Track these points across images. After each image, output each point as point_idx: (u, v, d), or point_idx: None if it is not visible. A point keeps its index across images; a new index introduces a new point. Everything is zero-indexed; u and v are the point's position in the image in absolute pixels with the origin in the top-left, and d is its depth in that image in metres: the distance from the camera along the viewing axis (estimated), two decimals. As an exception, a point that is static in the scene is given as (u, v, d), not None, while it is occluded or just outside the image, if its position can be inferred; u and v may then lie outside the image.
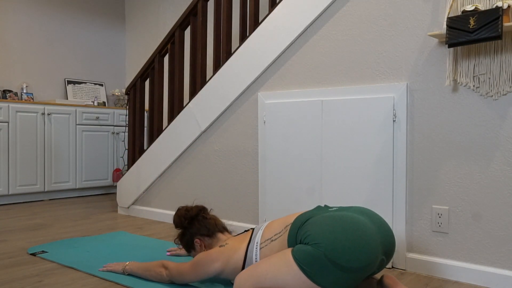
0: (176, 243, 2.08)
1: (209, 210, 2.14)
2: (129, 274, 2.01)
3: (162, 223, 3.26)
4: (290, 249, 1.57)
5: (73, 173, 4.48)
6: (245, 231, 1.93)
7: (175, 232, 2.96)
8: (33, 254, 2.36)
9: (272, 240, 1.71)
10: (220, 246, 1.82)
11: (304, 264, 1.48)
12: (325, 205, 1.78)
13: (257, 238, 1.77)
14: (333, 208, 1.72)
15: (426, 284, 1.94)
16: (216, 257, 1.77)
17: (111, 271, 2.05)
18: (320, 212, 1.68)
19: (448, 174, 2.04)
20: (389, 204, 2.18)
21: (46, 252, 2.38)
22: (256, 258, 1.73)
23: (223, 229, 2.03)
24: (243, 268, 1.76)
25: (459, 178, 2.01)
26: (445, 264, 2.03)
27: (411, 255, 2.14)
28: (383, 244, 1.58)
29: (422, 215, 2.11)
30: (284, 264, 1.52)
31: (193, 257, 2.08)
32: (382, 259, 1.60)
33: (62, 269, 2.12)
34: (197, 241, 1.98)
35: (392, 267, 2.18)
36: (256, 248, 1.74)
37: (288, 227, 1.69)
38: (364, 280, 1.75)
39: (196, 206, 2.06)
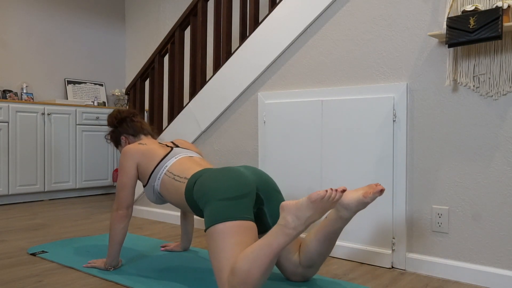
0: (106, 138, 2.39)
1: (141, 116, 2.43)
2: (114, 267, 2.08)
3: (162, 223, 3.26)
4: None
5: (73, 173, 4.48)
6: (166, 145, 2.15)
7: (175, 232, 2.97)
8: (33, 254, 2.36)
9: (174, 179, 1.95)
10: (139, 144, 2.13)
11: (214, 221, 1.64)
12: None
13: (169, 162, 2.03)
14: None
15: (426, 284, 1.94)
16: (134, 150, 2.08)
17: (94, 268, 2.10)
18: (205, 171, 1.87)
19: (448, 174, 2.04)
20: (389, 204, 2.18)
21: (46, 252, 2.39)
22: (159, 177, 2.01)
23: (147, 133, 2.34)
24: (148, 180, 2.04)
25: (459, 178, 2.01)
26: (445, 264, 2.03)
27: (411, 255, 2.14)
28: (256, 177, 1.83)
29: (422, 215, 2.11)
30: (214, 241, 1.64)
31: (120, 151, 2.32)
32: (261, 188, 1.83)
33: (62, 269, 2.12)
34: (123, 138, 2.32)
35: (392, 267, 2.18)
36: (163, 171, 2.01)
37: (186, 181, 1.89)
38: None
39: (128, 110, 2.36)
